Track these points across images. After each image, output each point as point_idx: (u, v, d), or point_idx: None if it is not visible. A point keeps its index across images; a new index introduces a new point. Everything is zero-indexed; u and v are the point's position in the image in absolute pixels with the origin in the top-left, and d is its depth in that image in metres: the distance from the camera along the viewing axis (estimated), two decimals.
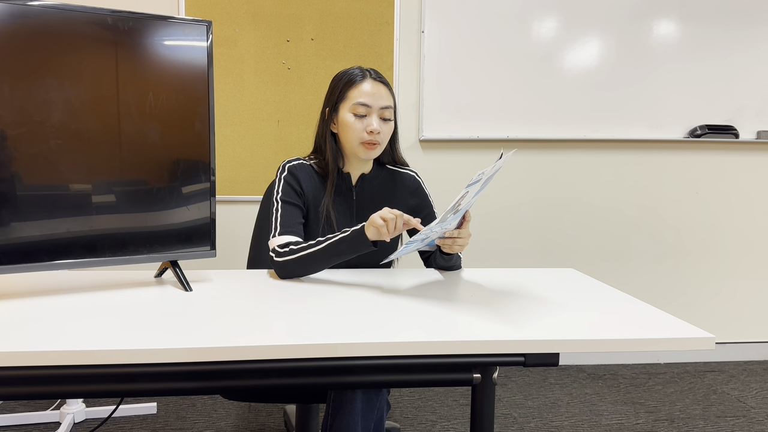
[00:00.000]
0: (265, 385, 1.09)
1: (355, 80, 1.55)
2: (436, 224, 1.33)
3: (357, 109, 1.53)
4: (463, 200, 1.31)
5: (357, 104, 1.53)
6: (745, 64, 2.81)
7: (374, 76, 1.56)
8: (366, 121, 1.53)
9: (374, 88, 1.54)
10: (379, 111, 1.54)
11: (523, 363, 1.10)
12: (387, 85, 1.57)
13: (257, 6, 2.55)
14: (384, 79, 1.58)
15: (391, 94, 1.58)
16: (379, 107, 1.54)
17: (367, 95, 1.53)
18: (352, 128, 1.53)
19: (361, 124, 1.53)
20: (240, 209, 2.68)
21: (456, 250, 1.49)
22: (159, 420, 2.26)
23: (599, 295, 1.41)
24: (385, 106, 1.55)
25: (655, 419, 2.36)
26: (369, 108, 1.53)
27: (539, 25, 2.69)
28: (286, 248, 1.47)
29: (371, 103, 1.53)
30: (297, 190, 1.57)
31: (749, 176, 2.93)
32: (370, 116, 1.53)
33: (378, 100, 1.53)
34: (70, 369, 1.00)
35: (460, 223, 1.45)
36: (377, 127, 1.52)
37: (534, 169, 2.82)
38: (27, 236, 1.26)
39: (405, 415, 2.36)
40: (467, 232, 1.46)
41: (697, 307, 2.99)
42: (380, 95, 1.54)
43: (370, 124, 1.52)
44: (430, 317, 1.19)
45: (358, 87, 1.54)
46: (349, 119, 1.54)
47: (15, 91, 1.22)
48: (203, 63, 1.41)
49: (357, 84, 1.54)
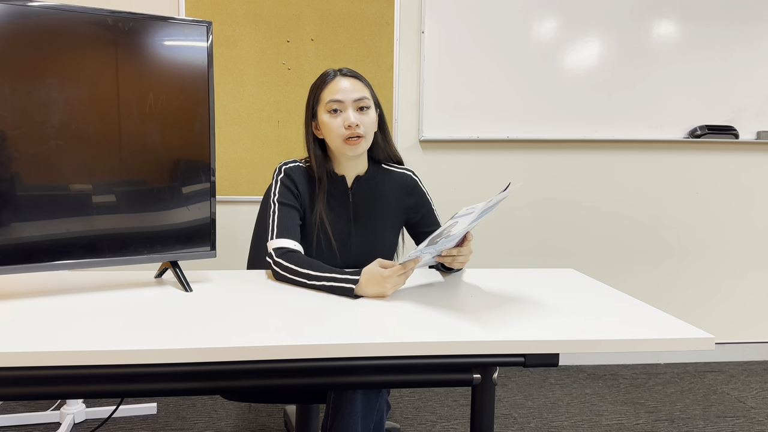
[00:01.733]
0: (264, 385, 1.09)
1: (326, 81, 1.55)
2: (426, 247, 1.32)
3: (331, 107, 1.52)
4: (454, 228, 1.29)
5: (330, 102, 1.52)
6: (745, 65, 2.81)
7: (344, 72, 1.56)
8: (342, 116, 1.52)
9: (345, 83, 1.53)
10: (353, 103, 1.53)
11: (523, 363, 1.10)
12: (359, 77, 1.57)
13: (257, 6, 2.55)
14: (354, 73, 1.57)
15: (366, 86, 1.57)
16: (351, 100, 1.53)
17: (337, 91, 1.52)
18: (330, 127, 1.53)
19: (339, 121, 1.52)
20: (240, 209, 2.68)
21: (456, 267, 1.49)
22: (159, 420, 2.26)
23: (599, 295, 1.41)
24: (358, 97, 1.53)
25: (655, 419, 2.36)
26: (342, 103, 1.52)
27: (539, 25, 2.69)
28: (282, 257, 1.45)
29: (343, 98, 1.52)
30: (294, 192, 1.57)
31: (749, 176, 2.93)
32: (345, 111, 1.52)
33: (350, 94, 1.53)
34: (71, 369, 1.00)
35: (461, 241, 1.44)
36: (354, 119, 1.51)
37: (534, 170, 2.82)
38: (27, 237, 1.26)
39: (405, 415, 2.36)
40: (468, 249, 1.45)
41: (697, 307, 2.99)
42: (351, 88, 1.53)
43: (347, 118, 1.51)
44: (430, 318, 1.19)
45: (329, 86, 1.54)
46: (327, 119, 1.53)
47: (15, 92, 1.22)
48: (203, 63, 1.41)
49: (328, 84, 1.54)
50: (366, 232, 1.62)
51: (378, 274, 1.32)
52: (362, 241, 1.62)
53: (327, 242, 1.57)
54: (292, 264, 1.42)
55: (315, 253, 1.58)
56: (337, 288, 1.34)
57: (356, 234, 1.62)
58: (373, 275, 1.32)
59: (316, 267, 1.40)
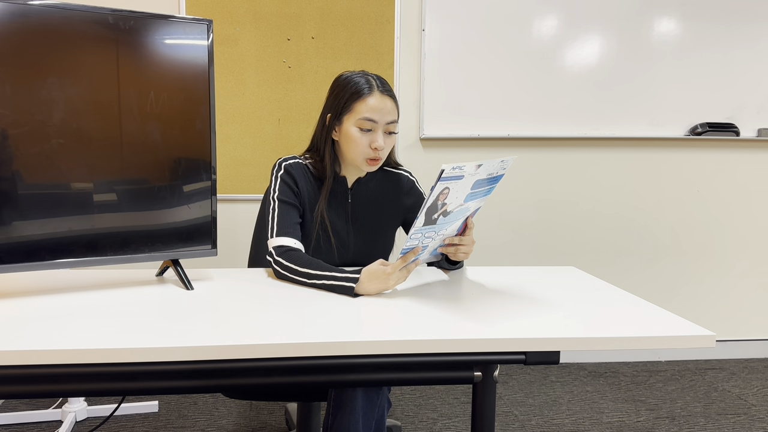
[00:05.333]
0: (266, 383, 1.09)
1: (362, 92, 1.48)
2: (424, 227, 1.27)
3: (363, 124, 1.48)
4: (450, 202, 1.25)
5: (363, 119, 1.47)
6: (746, 62, 2.80)
7: (381, 88, 1.50)
8: (371, 136, 1.48)
9: (381, 103, 1.48)
10: (386, 126, 1.50)
11: (524, 361, 1.10)
12: (393, 97, 1.52)
13: (258, 5, 2.55)
14: (391, 92, 1.52)
15: (397, 106, 1.53)
16: (385, 122, 1.49)
17: (374, 111, 1.47)
18: (357, 143, 1.49)
19: (366, 139, 1.48)
20: (241, 208, 2.68)
21: (461, 258, 1.47)
22: (160, 418, 2.26)
23: (600, 293, 1.41)
24: (391, 120, 1.50)
25: (656, 417, 2.36)
26: (375, 124, 1.48)
27: (540, 22, 2.69)
28: (282, 255, 1.45)
29: (378, 119, 1.48)
30: (294, 189, 1.55)
31: (750, 174, 2.93)
32: (375, 132, 1.48)
33: (385, 116, 1.49)
34: (72, 368, 1.00)
35: (462, 229, 1.43)
36: (382, 143, 1.48)
37: (535, 167, 2.82)
38: (28, 235, 1.26)
39: (406, 413, 2.36)
40: (470, 239, 1.44)
41: (698, 304, 2.99)
42: (387, 110, 1.49)
43: (375, 140, 1.48)
44: (430, 315, 1.19)
45: (365, 101, 1.48)
46: (355, 133, 1.49)
47: (16, 91, 1.22)
48: (204, 62, 1.41)
49: (364, 97, 1.48)
50: (364, 232, 1.63)
51: (380, 271, 1.32)
52: (360, 241, 1.62)
53: (326, 239, 1.57)
54: (292, 263, 1.42)
55: (313, 250, 1.58)
56: (337, 287, 1.35)
57: (354, 234, 1.62)
58: (374, 272, 1.33)
59: (316, 266, 1.40)
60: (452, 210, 1.29)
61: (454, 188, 1.23)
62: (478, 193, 1.32)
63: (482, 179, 1.29)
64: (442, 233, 1.36)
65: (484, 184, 1.32)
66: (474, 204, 1.36)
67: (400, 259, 1.32)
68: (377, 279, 1.32)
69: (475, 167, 1.22)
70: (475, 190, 1.30)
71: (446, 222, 1.32)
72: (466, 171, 1.21)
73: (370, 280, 1.32)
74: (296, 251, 1.46)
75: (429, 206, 1.22)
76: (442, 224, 1.32)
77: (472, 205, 1.35)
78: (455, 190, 1.24)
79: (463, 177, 1.22)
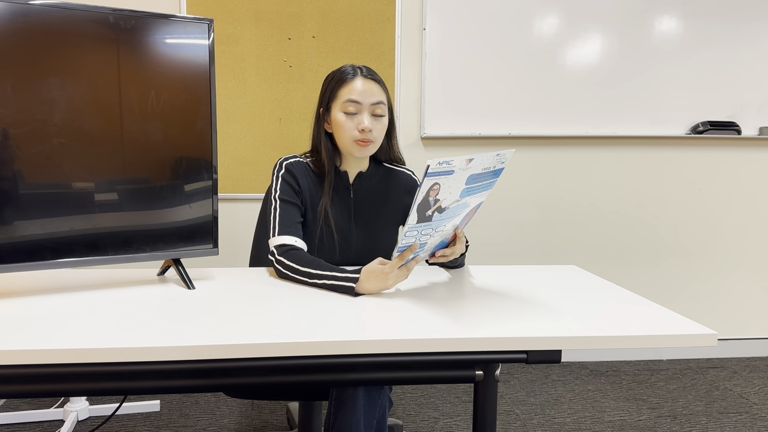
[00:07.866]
0: (267, 382, 1.09)
1: (345, 79, 1.53)
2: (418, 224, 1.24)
3: (347, 107, 1.51)
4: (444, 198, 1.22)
5: (347, 102, 1.51)
6: (748, 60, 2.80)
7: (365, 73, 1.54)
8: (357, 119, 1.52)
9: (364, 86, 1.52)
10: (370, 108, 1.52)
11: (526, 360, 1.10)
12: (378, 81, 1.55)
13: (258, 4, 2.55)
14: (375, 76, 1.56)
15: (383, 90, 1.56)
16: (369, 104, 1.52)
17: (357, 93, 1.51)
18: (343, 127, 1.52)
19: (352, 122, 1.52)
20: (242, 207, 2.68)
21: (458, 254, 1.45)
22: (162, 417, 2.27)
23: (601, 292, 1.41)
24: (376, 102, 1.53)
25: (657, 416, 2.36)
26: (359, 105, 1.51)
27: (541, 21, 2.68)
28: (284, 255, 1.45)
29: (361, 101, 1.51)
30: (295, 189, 1.56)
31: (751, 172, 2.93)
32: (361, 114, 1.52)
33: (368, 97, 1.52)
34: (74, 367, 1.00)
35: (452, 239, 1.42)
36: (368, 124, 1.51)
37: (536, 166, 2.81)
38: (30, 235, 1.27)
39: (407, 411, 2.36)
40: (461, 249, 1.44)
41: (700, 303, 2.99)
42: (371, 92, 1.52)
43: (362, 122, 1.51)
44: (432, 314, 1.19)
45: (348, 85, 1.52)
46: (341, 118, 1.52)
47: (17, 90, 1.22)
48: (205, 61, 1.41)
49: (347, 82, 1.53)
50: (366, 228, 1.63)
51: (378, 270, 1.33)
52: (362, 238, 1.62)
53: (329, 236, 1.58)
54: (294, 262, 1.43)
55: (317, 247, 1.58)
56: (338, 286, 1.35)
57: (356, 230, 1.62)
58: (374, 271, 1.33)
59: (317, 265, 1.40)
60: (448, 206, 1.26)
61: (445, 183, 1.21)
62: (476, 189, 1.30)
63: (477, 174, 1.26)
64: (441, 230, 1.34)
65: (482, 179, 1.29)
66: (474, 199, 1.34)
67: (398, 258, 1.32)
68: (376, 278, 1.32)
69: (466, 162, 1.20)
70: (472, 185, 1.28)
71: (443, 218, 1.30)
72: (456, 166, 1.19)
73: (369, 279, 1.33)
74: (297, 250, 1.46)
75: (420, 203, 1.20)
76: (439, 221, 1.29)
77: (471, 200, 1.33)
78: (447, 186, 1.21)
79: (453, 172, 1.19)
